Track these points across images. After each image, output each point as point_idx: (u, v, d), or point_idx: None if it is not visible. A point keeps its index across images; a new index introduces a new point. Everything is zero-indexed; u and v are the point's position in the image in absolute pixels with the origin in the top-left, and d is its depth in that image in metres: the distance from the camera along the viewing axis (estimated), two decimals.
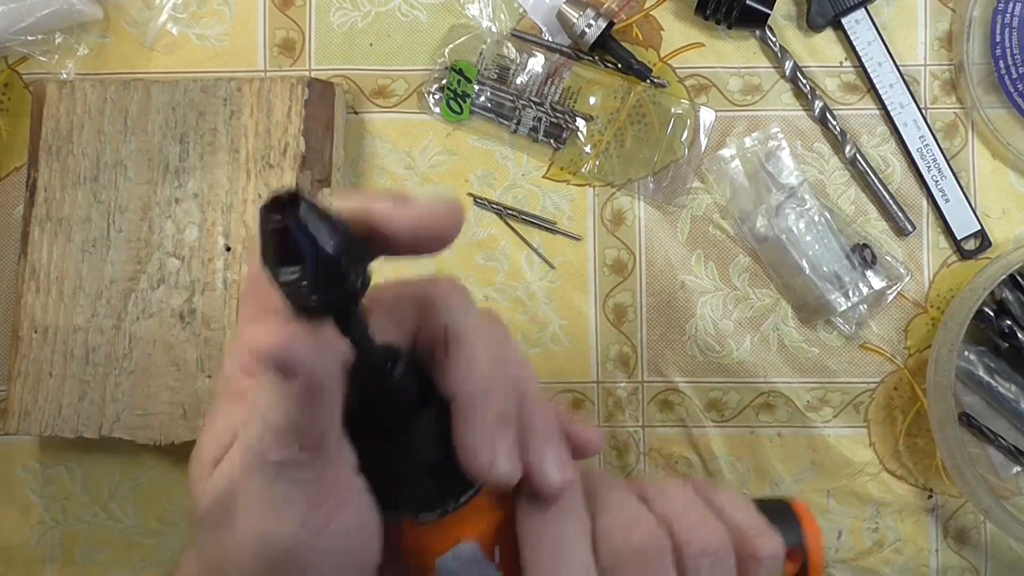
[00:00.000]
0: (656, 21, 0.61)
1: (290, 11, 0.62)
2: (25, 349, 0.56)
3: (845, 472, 0.60)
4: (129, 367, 0.56)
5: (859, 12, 0.60)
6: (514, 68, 0.60)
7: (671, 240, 0.61)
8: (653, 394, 0.61)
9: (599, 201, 0.61)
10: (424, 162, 0.61)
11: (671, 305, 0.61)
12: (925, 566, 0.60)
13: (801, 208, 0.59)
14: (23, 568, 0.61)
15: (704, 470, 0.61)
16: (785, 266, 0.60)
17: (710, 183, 0.61)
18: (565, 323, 0.61)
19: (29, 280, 0.57)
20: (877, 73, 0.60)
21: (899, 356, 0.61)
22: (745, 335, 0.61)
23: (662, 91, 0.60)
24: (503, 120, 0.60)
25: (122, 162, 0.57)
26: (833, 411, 0.61)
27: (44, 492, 0.61)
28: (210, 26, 0.62)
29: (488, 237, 0.61)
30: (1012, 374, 0.59)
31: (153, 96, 0.58)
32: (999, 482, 0.60)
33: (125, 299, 0.56)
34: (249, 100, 0.57)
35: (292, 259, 0.24)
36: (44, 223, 0.57)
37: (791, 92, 0.61)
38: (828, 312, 0.59)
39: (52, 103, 0.58)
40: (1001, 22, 0.58)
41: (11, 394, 0.56)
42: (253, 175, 0.57)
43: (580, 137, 0.60)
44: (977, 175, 0.61)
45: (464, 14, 0.61)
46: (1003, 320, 0.58)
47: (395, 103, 0.62)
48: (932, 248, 0.61)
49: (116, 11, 0.61)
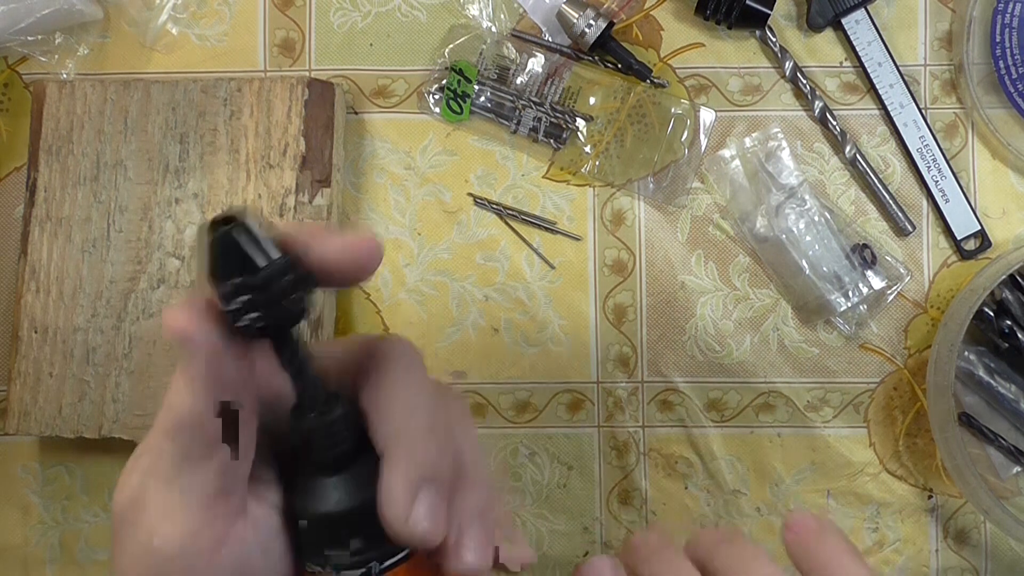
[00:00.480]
0: (656, 21, 0.61)
1: (290, 11, 0.62)
2: (25, 349, 0.56)
3: (845, 472, 0.60)
4: (129, 367, 0.56)
5: (859, 12, 0.60)
6: (514, 68, 0.60)
7: (671, 240, 0.61)
8: (653, 394, 0.61)
9: (599, 201, 0.61)
10: (424, 162, 0.61)
11: (671, 305, 0.61)
12: (925, 566, 0.60)
13: (801, 208, 0.59)
14: (23, 568, 0.61)
15: (704, 470, 0.61)
16: (785, 266, 0.60)
17: (710, 183, 0.61)
18: (565, 323, 0.61)
19: (29, 280, 0.57)
20: (877, 73, 0.60)
21: (899, 356, 0.61)
22: (745, 335, 0.61)
23: (662, 91, 0.60)
24: (503, 120, 0.60)
25: (122, 162, 0.57)
26: (833, 411, 0.61)
27: (44, 492, 0.61)
28: (210, 26, 0.62)
29: (488, 237, 0.61)
30: (1012, 374, 0.59)
31: (153, 96, 0.58)
32: (999, 482, 0.60)
33: (125, 299, 0.57)
34: (249, 100, 0.57)
35: (234, 270, 0.25)
36: (44, 223, 0.57)
37: (791, 92, 0.61)
38: (828, 312, 0.59)
39: (52, 103, 0.58)
40: (1001, 22, 0.58)
41: (11, 394, 0.56)
42: (253, 175, 0.57)
43: (580, 137, 0.60)
44: (977, 175, 0.61)
45: (464, 14, 0.61)
46: (1003, 320, 0.58)
47: (395, 103, 0.62)
48: (932, 248, 0.61)
49: (116, 11, 0.61)
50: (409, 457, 0.28)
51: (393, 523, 0.27)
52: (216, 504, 0.28)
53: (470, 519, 0.29)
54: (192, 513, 0.28)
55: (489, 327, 0.61)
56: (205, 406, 0.27)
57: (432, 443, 0.28)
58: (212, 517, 0.28)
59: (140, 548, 0.28)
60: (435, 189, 0.61)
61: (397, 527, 0.27)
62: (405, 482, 0.28)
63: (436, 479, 0.28)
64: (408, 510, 0.27)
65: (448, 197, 0.61)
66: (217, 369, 0.27)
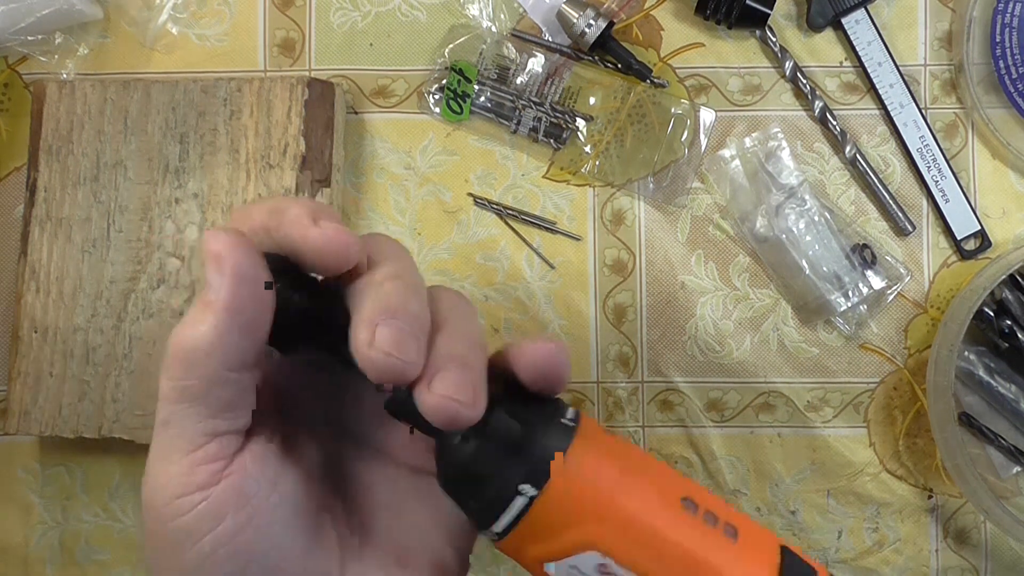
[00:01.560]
0: (656, 21, 0.61)
1: (290, 11, 0.62)
2: (25, 349, 0.56)
3: (845, 472, 0.60)
4: (129, 367, 0.56)
5: (859, 12, 0.60)
6: (514, 68, 0.60)
7: (671, 240, 0.61)
8: (653, 394, 0.61)
9: (599, 201, 0.61)
10: (424, 162, 0.61)
11: (671, 305, 0.61)
12: (925, 566, 0.60)
13: (801, 208, 0.59)
14: (23, 568, 0.61)
15: (704, 470, 0.61)
16: (785, 266, 0.60)
17: (710, 183, 0.61)
18: (565, 323, 0.61)
19: (29, 280, 0.57)
20: (877, 73, 0.60)
21: (899, 356, 0.61)
22: (745, 335, 0.61)
23: (662, 91, 0.60)
24: (503, 120, 0.60)
25: (122, 162, 0.57)
26: (833, 411, 0.61)
27: (44, 492, 0.61)
28: (210, 26, 0.62)
29: (488, 237, 0.61)
30: (1012, 374, 0.59)
31: (153, 96, 0.58)
32: (999, 482, 0.60)
33: (125, 299, 0.57)
34: (249, 100, 0.57)
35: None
36: (44, 223, 0.57)
37: (791, 92, 0.61)
38: (828, 312, 0.59)
39: (52, 103, 0.58)
40: (1001, 22, 0.58)
41: (11, 394, 0.56)
42: (253, 175, 0.57)
43: (580, 137, 0.60)
44: (977, 175, 0.61)
45: (464, 14, 0.61)
46: (1003, 320, 0.58)
47: (395, 103, 0.62)
48: (932, 248, 0.61)
49: (116, 11, 0.61)
50: (376, 294, 0.28)
51: (359, 348, 0.27)
52: (204, 453, 0.28)
53: (446, 360, 0.28)
54: (174, 459, 0.28)
55: (489, 327, 0.61)
56: (225, 332, 0.27)
57: (400, 286, 0.28)
58: (193, 463, 0.28)
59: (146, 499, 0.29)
60: (435, 189, 0.61)
61: (362, 352, 0.27)
62: (371, 312, 0.28)
63: (402, 314, 0.28)
64: (368, 336, 0.27)
65: (448, 197, 0.61)
66: (242, 299, 0.27)
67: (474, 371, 0.29)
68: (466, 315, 0.31)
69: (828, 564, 0.60)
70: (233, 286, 0.27)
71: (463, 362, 0.29)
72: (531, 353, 0.30)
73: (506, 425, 0.29)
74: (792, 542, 0.62)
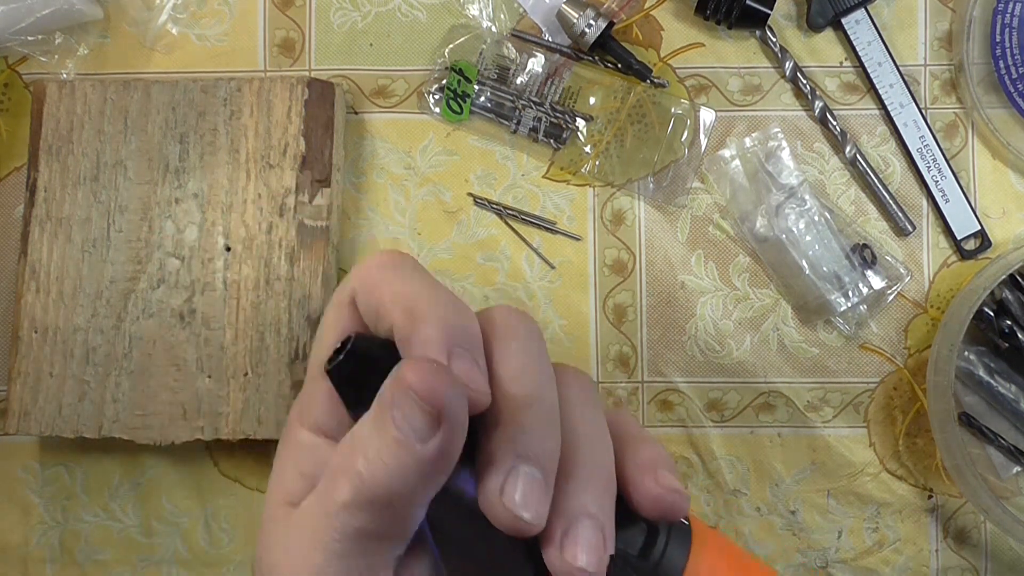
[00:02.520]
0: (656, 21, 0.61)
1: (290, 11, 0.62)
2: (25, 349, 0.56)
3: (845, 472, 0.60)
4: (129, 367, 0.56)
5: (859, 12, 0.60)
6: (514, 68, 0.60)
7: (671, 240, 0.61)
8: (653, 394, 0.61)
9: (599, 201, 0.61)
10: (424, 162, 0.61)
11: (671, 305, 0.61)
12: (925, 566, 0.60)
13: (801, 208, 0.59)
14: (23, 568, 0.61)
15: (704, 470, 0.61)
16: (785, 266, 0.60)
17: (710, 183, 0.61)
18: (565, 323, 0.61)
19: (29, 280, 0.57)
20: (877, 73, 0.60)
21: (899, 356, 0.61)
22: (745, 335, 0.61)
23: (662, 91, 0.60)
24: (503, 120, 0.60)
25: (122, 162, 0.57)
26: (833, 411, 0.61)
27: (44, 492, 0.61)
28: (210, 26, 0.62)
29: (488, 237, 0.61)
30: (1012, 374, 0.59)
31: (153, 96, 0.58)
32: (999, 482, 0.60)
33: (125, 299, 0.57)
34: (249, 100, 0.57)
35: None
36: (44, 223, 0.57)
37: (791, 92, 0.61)
38: (828, 312, 0.59)
39: (52, 103, 0.58)
40: (1001, 22, 0.58)
41: (11, 394, 0.56)
42: (253, 175, 0.57)
43: (580, 137, 0.60)
44: (977, 175, 0.61)
45: (464, 14, 0.61)
46: (1003, 320, 0.58)
47: (395, 103, 0.62)
48: (932, 248, 0.61)
49: (116, 11, 0.61)
50: (506, 434, 0.26)
51: (487, 497, 0.25)
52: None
53: (579, 514, 0.26)
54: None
55: None
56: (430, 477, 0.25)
57: (537, 417, 0.26)
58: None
59: None
60: (435, 189, 0.61)
61: (491, 501, 0.25)
62: (502, 458, 0.25)
63: (535, 458, 0.26)
64: (501, 485, 0.25)
65: (448, 197, 0.61)
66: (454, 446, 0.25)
67: (607, 526, 0.26)
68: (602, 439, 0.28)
69: (828, 564, 0.60)
70: (449, 433, 0.24)
71: (596, 523, 0.26)
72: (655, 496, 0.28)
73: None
74: (792, 542, 0.62)
